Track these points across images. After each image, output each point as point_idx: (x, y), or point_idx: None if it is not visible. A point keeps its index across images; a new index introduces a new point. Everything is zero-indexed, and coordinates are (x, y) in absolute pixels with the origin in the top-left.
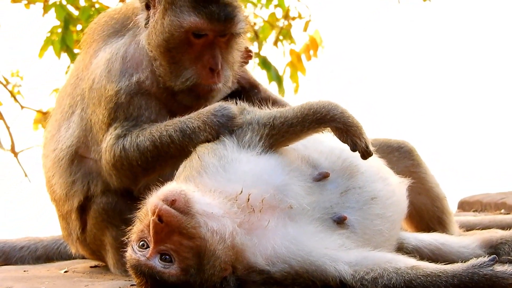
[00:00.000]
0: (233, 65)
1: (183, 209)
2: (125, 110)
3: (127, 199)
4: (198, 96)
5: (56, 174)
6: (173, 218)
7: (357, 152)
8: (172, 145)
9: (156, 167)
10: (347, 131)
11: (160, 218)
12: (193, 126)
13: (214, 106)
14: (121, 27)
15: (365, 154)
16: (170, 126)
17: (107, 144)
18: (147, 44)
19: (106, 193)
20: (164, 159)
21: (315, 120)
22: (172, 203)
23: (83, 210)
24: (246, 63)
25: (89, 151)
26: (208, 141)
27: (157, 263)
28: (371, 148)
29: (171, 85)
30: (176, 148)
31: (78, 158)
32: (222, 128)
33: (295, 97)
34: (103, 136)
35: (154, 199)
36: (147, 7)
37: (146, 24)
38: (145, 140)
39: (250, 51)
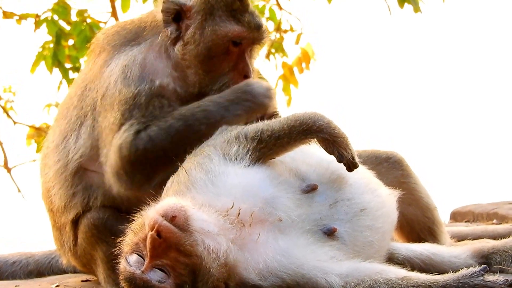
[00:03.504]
0: (255, 74)
1: (182, 226)
2: (142, 109)
3: (118, 214)
4: None
5: (57, 185)
6: (172, 235)
7: (343, 164)
8: (204, 120)
9: (181, 153)
10: (334, 142)
11: (159, 233)
12: (229, 99)
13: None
14: (135, 36)
15: (351, 166)
16: (203, 102)
17: (124, 141)
18: (181, 54)
19: (96, 208)
20: (192, 141)
21: (302, 131)
22: (172, 219)
23: (77, 223)
24: None
25: (94, 162)
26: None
27: (152, 278)
28: (357, 160)
29: (206, 91)
30: (208, 124)
31: (82, 170)
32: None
33: (288, 110)
34: (113, 136)
35: (153, 214)
36: (176, 19)
37: (176, 36)
38: (175, 122)
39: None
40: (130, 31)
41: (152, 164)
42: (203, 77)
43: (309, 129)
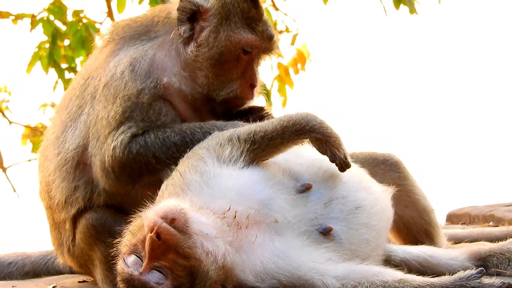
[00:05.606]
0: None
1: (182, 228)
2: (143, 112)
3: (116, 215)
4: (231, 107)
5: (58, 178)
6: (172, 237)
7: (335, 164)
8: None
9: (170, 165)
10: (326, 142)
11: (158, 235)
12: None
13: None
14: (146, 30)
15: (344, 165)
16: (207, 125)
17: (119, 142)
18: (194, 55)
19: (95, 209)
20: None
21: (295, 131)
22: (171, 221)
23: (77, 220)
24: None
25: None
26: None
27: (150, 279)
28: (349, 160)
29: (213, 95)
30: None
31: (82, 164)
32: None
33: (283, 111)
34: (110, 133)
35: (153, 216)
36: (191, 19)
37: (188, 35)
38: (174, 135)
39: None
40: (141, 25)
41: (140, 169)
42: (212, 81)
43: (302, 129)
